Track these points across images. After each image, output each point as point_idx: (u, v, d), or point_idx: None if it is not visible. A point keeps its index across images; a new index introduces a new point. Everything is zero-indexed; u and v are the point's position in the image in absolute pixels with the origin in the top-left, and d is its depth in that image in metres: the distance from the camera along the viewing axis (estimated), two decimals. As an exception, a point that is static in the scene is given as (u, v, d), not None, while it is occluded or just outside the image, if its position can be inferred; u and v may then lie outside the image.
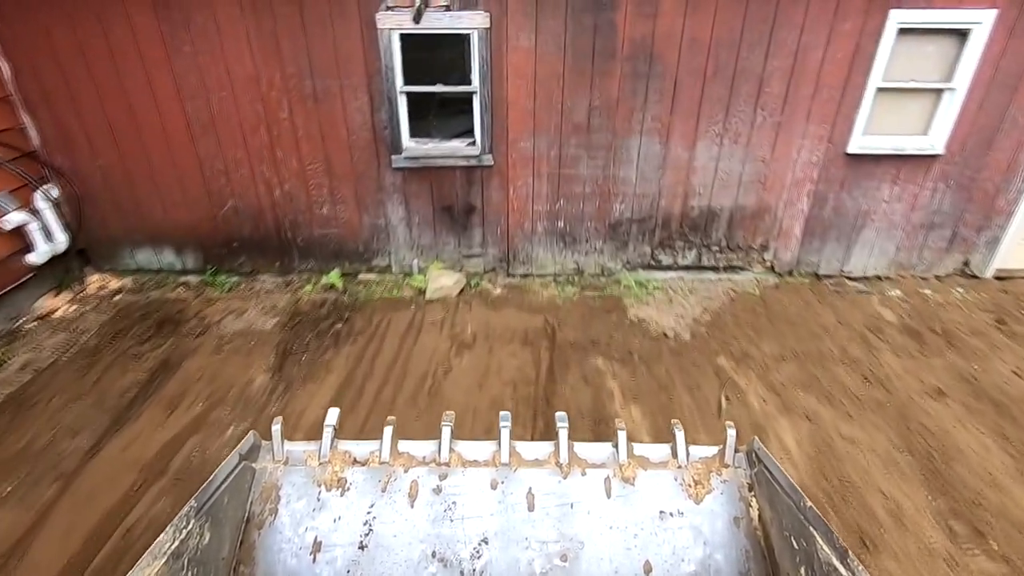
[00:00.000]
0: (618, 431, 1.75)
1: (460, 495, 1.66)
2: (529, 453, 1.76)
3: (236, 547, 1.57)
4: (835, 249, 4.62)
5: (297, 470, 1.68)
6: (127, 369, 3.70)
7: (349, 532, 1.61)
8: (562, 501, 1.67)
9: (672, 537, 1.62)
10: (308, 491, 1.66)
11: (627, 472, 1.71)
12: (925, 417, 3.27)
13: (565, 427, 1.75)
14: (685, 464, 1.73)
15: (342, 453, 1.71)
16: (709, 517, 1.64)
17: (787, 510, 1.47)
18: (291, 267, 4.79)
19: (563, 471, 1.71)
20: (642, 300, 4.47)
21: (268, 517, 1.63)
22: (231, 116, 4.14)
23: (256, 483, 1.67)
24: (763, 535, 1.60)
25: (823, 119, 4.10)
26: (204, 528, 1.43)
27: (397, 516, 1.63)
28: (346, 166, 4.33)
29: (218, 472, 1.52)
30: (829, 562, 1.29)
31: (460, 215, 4.54)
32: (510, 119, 4.14)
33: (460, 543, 1.60)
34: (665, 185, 4.38)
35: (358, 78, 4.01)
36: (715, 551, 1.60)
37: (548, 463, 1.73)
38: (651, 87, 4.02)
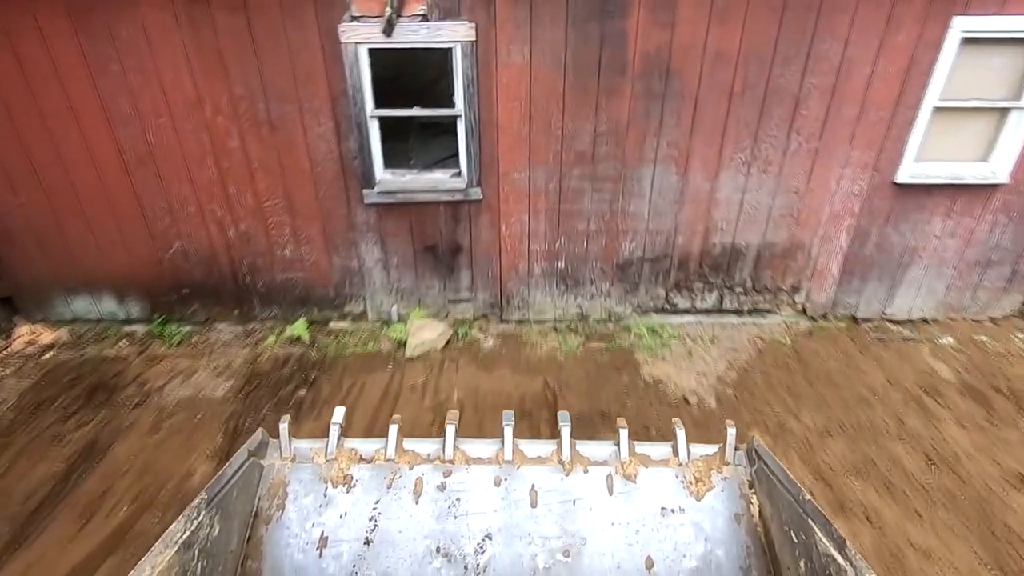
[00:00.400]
0: (620, 429, 1.78)
1: (464, 492, 1.70)
2: (532, 451, 1.79)
3: (244, 541, 1.60)
4: (876, 289, 4.03)
5: (304, 467, 1.73)
6: (42, 457, 3.07)
7: (355, 528, 1.65)
8: (564, 498, 1.71)
9: (673, 533, 1.65)
10: (315, 487, 1.70)
11: (629, 469, 1.74)
12: (1010, 515, 2.68)
13: (567, 425, 1.78)
14: (686, 462, 1.75)
15: (348, 451, 1.76)
16: (710, 514, 1.68)
17: (786, 505, 1.50)
18: (251, 315, 4.16)
19: (565, 468, 1.74)
20: (656, 353, 3.86)
21: (276, 513, 1.67)
22: (172, 146, 3.50)
23: (264, 479, 1.71)
24: (764, 531, 1.63)
25: (869, 144, 3.50)
26: (214, 520, 1.47)
27: (402, 512, 1.67)
28: (310, 202, 3.71)
29: (228, 466, 1.56)
30: (827, 553, 1.33)
31: (445, 256, 3.92)
32: (501, 147, 3.52)
33: (464, 538, 1.63)
34: (682, 220, 3.77)
35: (320, 101, 3.38)
36: (716, 547, 1.63)
37: (551, 460, 1.76)
38: (667, 108, 3.41)
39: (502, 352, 3.88)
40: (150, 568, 1.28)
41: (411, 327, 3.90)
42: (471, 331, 4.08)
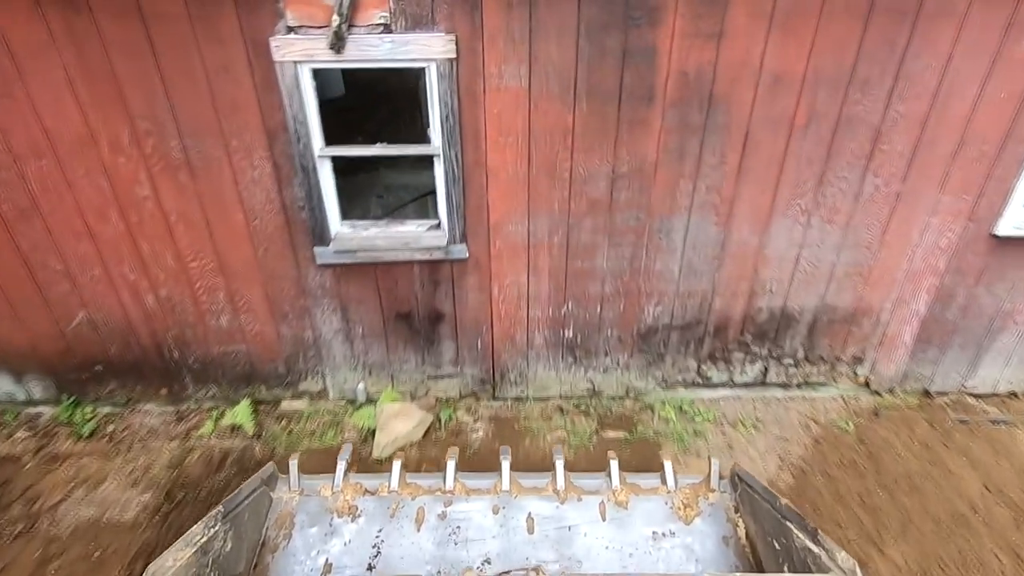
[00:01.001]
0: (610, 460, 1.90)
1: (464, 520, 1.79)
2: (528, 482, 1.90)
3: (251, 568, 1.65)
4: (957, 359, 3.27)
5: (311, 499, 1.82)
6: None
7: (359, 555, 1.72)
8: (560, 524, 1.80)
9: (665, 556, 1.73)
10: (321, 518, 1.80)
11: (620, 497, 1.84)
12: None
13: (561, 458, 1.91)
14: (674, 489, 1.88)
15: (354, 484, 1.86)
16: (699, 537, 1.78)
17: (767, 515, 1.58)
18: (184, 395, 3.35)
19: (560, 497, 1.84)
20: (688, 445, 3.09)
21: (282, 542, 1.75)
22: (62, 195, 2.68)
23: (272, 510, 1.80)
24: (751, 551, 1.70)
25: (965, 188, 2.72)
26: (228, 535, 1.54)
27: (404, 540, 1.76)
28: (248, 262, 2.90)
29: (244, 487, 1.65)
30: (804, 546, 1.45)
31: (423, 325, 3.12)
32: (492, 193, 2.72)
33: (464, 564, 1.70)
34: (722, 280, 2.99)
35: (252, 136, 2.57)
36: (707, 568, 1.70)
37: (546, 490, 1.87)
38: (708, 144, 2.61)
39: (495, 446, 3.09)
40: (172, 560, 1.36)
41: (381, 416, 3.11)
42: (456, 414, 3.29)
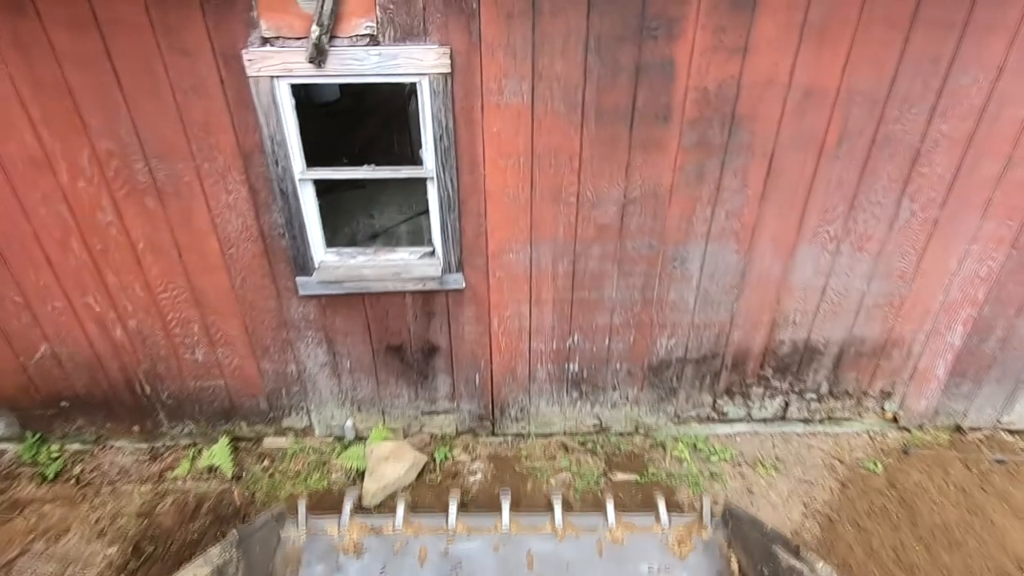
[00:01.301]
0: (606, 501, 2.04)
1: (466, 557, 1.89)
2: (528, 521, 2.03)
3: None
4: (993, 394, 3.03)
5: (319, 538, 1.94)
6: None
7: None
8: (559, 561, 1.90)
9: None
10: (327, 556, 1.91)
11: (616, 534, 1.95)
12: None
13: (559, 499, 2.07)
14: (668, 527, 1.98)
15: (360, 523, 1.99)
16: (694, 572, 1.86)
17: (755, 543, 1.65)
18: (158, 431, 3.10)
19: (559, 535, 1.95)
20: (703, 488, 2.85)
21: None
22: (16, 222, 2.43)
23: (280, 548, 1.88)
24: None
25: (1009, 213, 2.49)
26: (240, 564, 1.60)
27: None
28: (224, 293, 2.65)
29: (258, 519, 1.77)
30: (788, 565, 1.49)
31: (416, 358, 2.88)
32: (491, 220, 2.48)
33: None
34: (741, 311, 2.75)
35: (226, 157, 2.32)
36: None
37: (545, 529, 1.99)
38: (729, 166, 2.37)
39: (494, 491, 2.85)
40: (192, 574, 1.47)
41: (370, 458, 2.86)
42: (452, 452, 3.04)
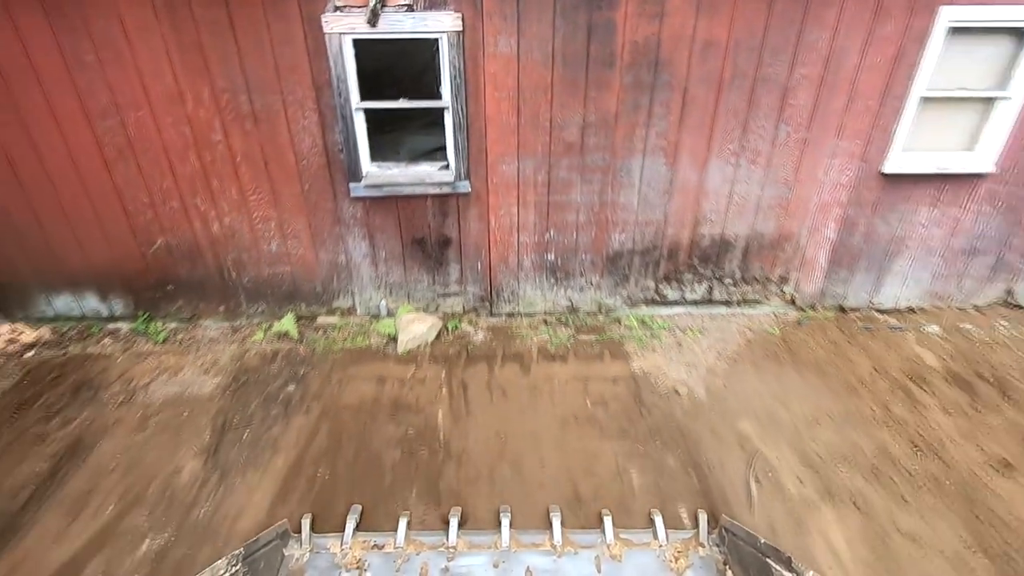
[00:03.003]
0: (604, 516, 2.06)
1: (466, 574, 1.87)
2: (527, 538, 2.02)
3: None
4: (864, 279, 4.06)
5: (322, 555, 1.93)
6: (26, 455, 3.02)
7: None
8: None
9: None
10: (330, 574, 1.89)
11: (614, 551, 1.95)
12: (994, 500, 2.72)
13: (558, 515, 2.07)
14: (666, 543, 1.99)
15: (362, 541, 1.99)
16: None
17: (750, 558, 1.66)
18: (238, 311, 4.11)
19: (557, 551, 1.94)
20: (646, 344, 3.87)
21: None
22: (152, 140, 3.43)
23: (284, 566, 1.90)
24: None
25: (856, 135, 3.51)
26: None
27: None
28: (296, 196, 3.66)
29: (262, 535, 1.77)
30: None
31: (434, 249, 3.89)
32: (489, 139, 3.49)
33: None
34: (672, 211, 3.77)
35: (304, 92, 3.33)
36: None
37: (544, 545, 1.98)
38: (656, 99, 3.39)
39: (492, 345, 3.87)
40: None
41: (401, 321, 3.88)
42: (461, 325, 4.06)
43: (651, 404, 3.33)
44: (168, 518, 2.67)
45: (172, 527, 2.63)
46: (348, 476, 2.86)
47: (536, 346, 3.88)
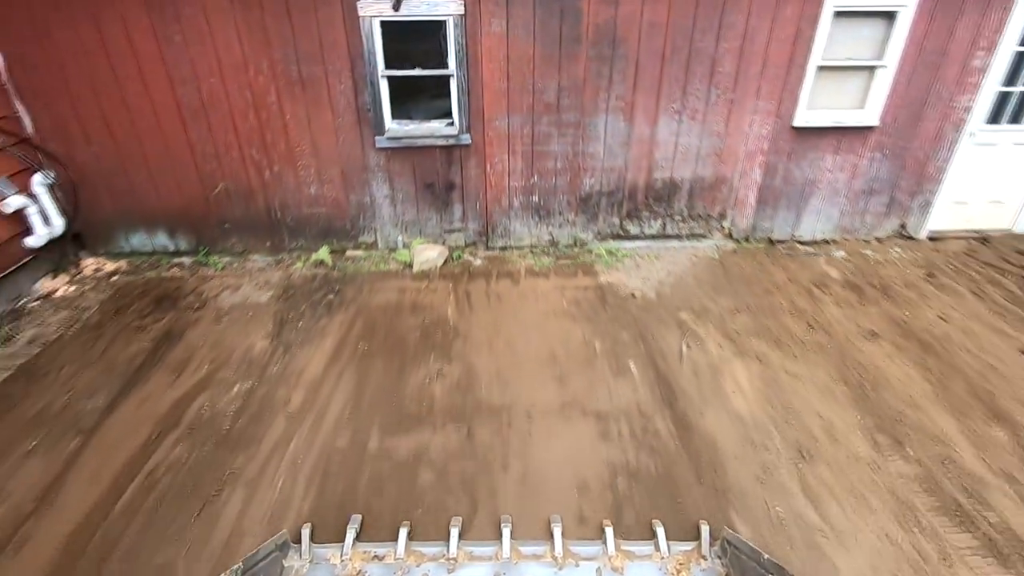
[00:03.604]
0: (605, 528, 2.02)
1: None
2: (528, 550, 1.99)
3: None
4: (786, 216, 5.06)
5: (321, 567, 1.90)
6: (131, 340, 3.94)
7: None
8: None
9: None
10: None
11: (616, 563, 1.92)
12: (859, 355, 3.71)
13: (559, 526, 2.03)
14: (667, 555, 1.96)
15: (362, 552, 1.96)
16: None
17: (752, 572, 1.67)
18: (281, 246, 5.04)
19: (558, 563, 1.91)
20: (612, 266, 4.85)
21: None
22: (221, 101, 4.37)
23: None
24: None
25: (771, 95, 4.51)
26: None
27: None
28: (332, 148, 4.60)
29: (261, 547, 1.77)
30: None
31: (441, 192, 4.84)
32: (485, 100, 4.45)
33: None
34: (630, 159, 4.75)
35: (342, 63, 4.28)
36: None
37: (545, 557, 1.94)
38: (615, 69, 4.37)
39: (489, 268, 4.83)
40: None
41: (415, 250, 4.83)
42: (463, 255, 5.01)
43: (613, 303, 4.31)
44: (250, 373, 3.60)
45: (254, 378, 3.56)
46: (381, 347, 3.81)
47: (524, 268, 4.84)
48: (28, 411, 3.30)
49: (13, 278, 4.33)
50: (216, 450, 3.01)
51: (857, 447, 3.00)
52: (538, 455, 2.96)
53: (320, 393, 3.42)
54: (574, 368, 3.60)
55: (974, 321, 4.04)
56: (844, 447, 3.00)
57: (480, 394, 3.38)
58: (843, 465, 2.90)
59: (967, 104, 4.55)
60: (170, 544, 2.51)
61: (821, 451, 2.98)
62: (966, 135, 4.69)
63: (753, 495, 2.73)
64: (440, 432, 3.11)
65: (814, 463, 2.91)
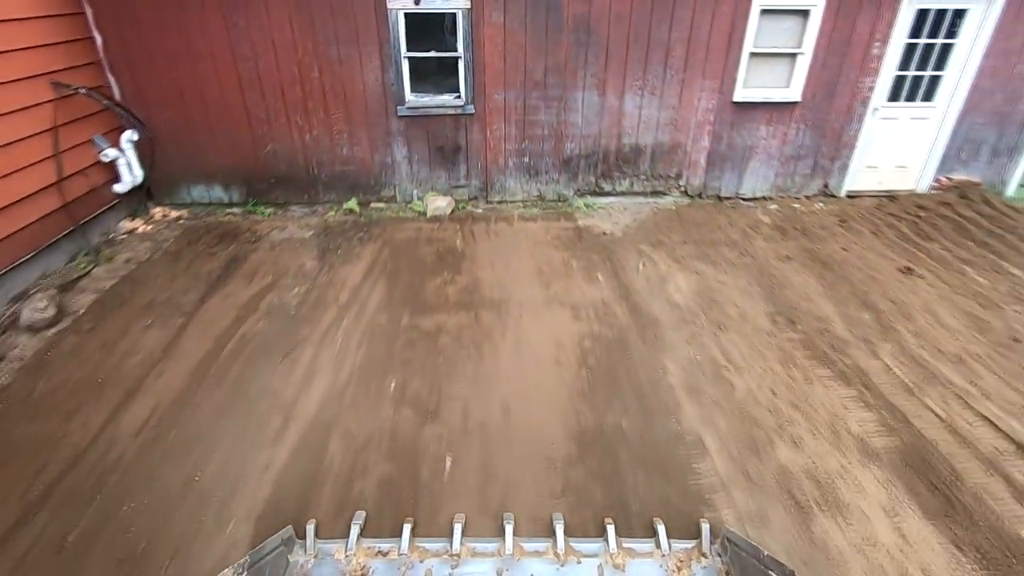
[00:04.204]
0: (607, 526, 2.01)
1: None
2: (530, 546, 2.00)
3: None
4: (731, 176, 6.19)
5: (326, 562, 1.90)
6: (206, 261, 4.98)
7: None
8: None
9: None
10: None
11: (617, 560, 1.93)
12: (774, 270, 4.83)
13: (561, 523, 2.03)
14: (668, 553, 1.98)
15: (366, 548, 1.95)
16: None
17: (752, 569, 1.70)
18: (316, 199, 6.10)
19: (560, 560, 1.91)
20: (588, 215, 5.95)
21: None
22: (273, 75, 5.43)
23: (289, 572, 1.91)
24: None
25: (714, 76, 5.64)
26: None
27: None
28: (361, 115, 5.67)
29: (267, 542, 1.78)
30: None
31: (449, 153, 5.92)
32: (487, 77, 5.54)
33: None
34: (603, 128, 5.86)
35: (372, 46, 5.35)
36: None
37: (547, 554, 1.94)
38: (590, 52, 5.48)
39: (488, 215, 5.92)
40: None
41: (427, 200, 5.91)
42: (467, 207, 6.09)
43: (587, 238, 5.41)
44: (305, 280, 4.66)
45: (308, 283, 4.62)
46: (405, 266, 4.88)
47: (517, 215, 5.93)
48: (139, 303, 4.34)
49: (104, 217, 5.36)
50: (288, 325, 4.08)
51: (760, 323, 4.12)
52: (527, 329, 4.04)
53: (360, 293, 4.49)
54: (555, 278, 4.69)
55: (868, 251, 5.19)
56: (751, 323, 4.12)
57: (483, 294, 4.47)
58: (748, 333, 4.01)
59: (870, 84, 5.71)
60: (265, 375, 3.57)
61: (734, 325, 4.09)
62: (871, 110, 5.84)
63: (681, 349, 3.84)
64: (454, 315, 4.19)
65: (727, 332, 4.02)
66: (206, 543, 2.49)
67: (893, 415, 3.26)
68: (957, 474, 2.87)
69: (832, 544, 2.51)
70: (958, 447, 3.04)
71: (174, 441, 3.07)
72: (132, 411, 3.28)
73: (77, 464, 2.92)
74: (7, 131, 4.24)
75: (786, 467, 2.92)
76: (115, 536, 2.54)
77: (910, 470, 2.91)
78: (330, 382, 3.50)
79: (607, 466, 2.88)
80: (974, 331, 4.02)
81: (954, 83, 5.75)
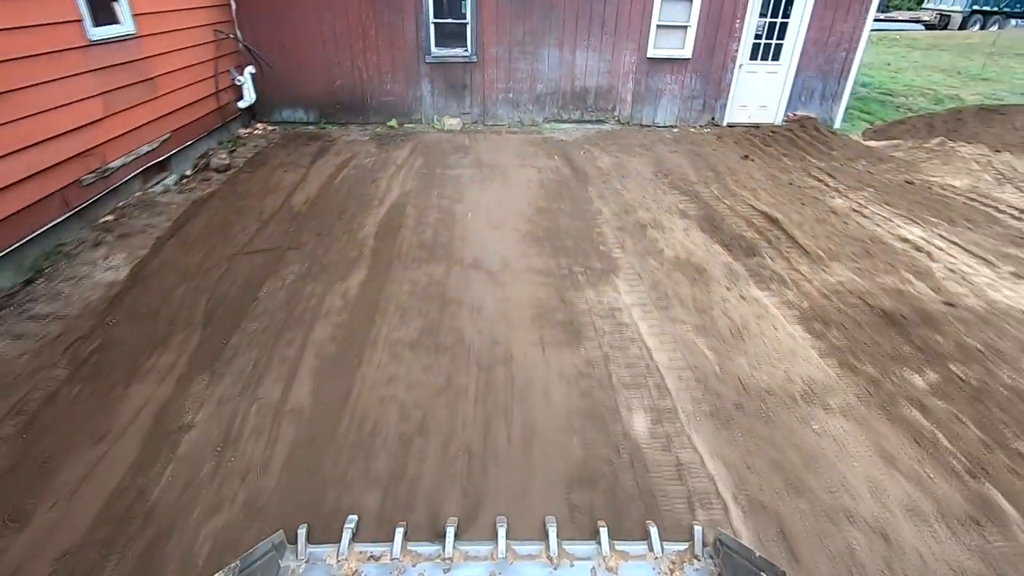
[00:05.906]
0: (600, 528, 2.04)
1: None
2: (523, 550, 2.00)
3: None
4: (649, 110, 9.13)
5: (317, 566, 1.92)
6: (304, 150, 7.77)
7: None
8: None
9: None
10: None
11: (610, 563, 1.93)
12: (665, 158, 7.78)
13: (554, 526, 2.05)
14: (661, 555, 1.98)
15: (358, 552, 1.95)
16: None
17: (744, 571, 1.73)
18: (367, 120, 8.90)
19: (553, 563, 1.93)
20: (551, 132, 8.86)
21: None
22: (343, 32, 8.22)
23: None
24: None
25: (635, 39, 8.57)
26: None
27: None
28: (401, 61, 8.49)
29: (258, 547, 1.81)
30: None
31: (459, 90, 8.77)
32: (484, 38, 8.40)
33: None
34: (562, 75, 8.75)
35: (410, 15, 8.18)
36: None
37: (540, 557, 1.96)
38: (553, 21, 8.37)
39: (486, 131, 8.79)
40: None
41: (444, 121, 8.76)
42: (471, 126, 8.95)
43: (550, 142, 8.32)
44: (371, 156, 7.48)
45: (374, 158, 7.44)
46: (432, 153, 7.74)
47: (504, 131, 8.82)
48: (273, 163, 7.13)
49: (230, 124, 8.11)
50: (368, 172, 6.92)
51: (647, 175, 7.06)
52: (511, 175, 6.93)
53: (408, 161, 7.33)
54: (527, 157, 7.59)
55: (727, 150, 8.17)
56: (641, 175, 7.06)
57: (484, 162, 7.34)
58: (638, 179, 6.94)
59: (736, 48, 8.69)
60: (363, 188, 6.41)
61: (631, 176, 7.03)
62: (738, 66, 8.83)
63: (598, 185, 6.75)
64: (467, 170, 7.06)
65: (626, 179, 6.95)
66: (360, 227, 5.32)
67: (703, 206, 6.22)
68: (725, 221, 5.82)
69: (658, 242, 5.42)
70: (732, 215, 5.99)
71: (323, 206, 5.89)
72: (295, 198, 6.09)
73: (278, 213, 5.72)
74: (196, 56, 7.00)
75: (640, 219, 5.84)
76: (309, 223, 5.37)
77: (703, 221, 5.85)
78: (400, 191, 6.35)
79: (554, 221, 5.78)
80: (768, 180, 7.01)
81: (791, 48, 8.77)
